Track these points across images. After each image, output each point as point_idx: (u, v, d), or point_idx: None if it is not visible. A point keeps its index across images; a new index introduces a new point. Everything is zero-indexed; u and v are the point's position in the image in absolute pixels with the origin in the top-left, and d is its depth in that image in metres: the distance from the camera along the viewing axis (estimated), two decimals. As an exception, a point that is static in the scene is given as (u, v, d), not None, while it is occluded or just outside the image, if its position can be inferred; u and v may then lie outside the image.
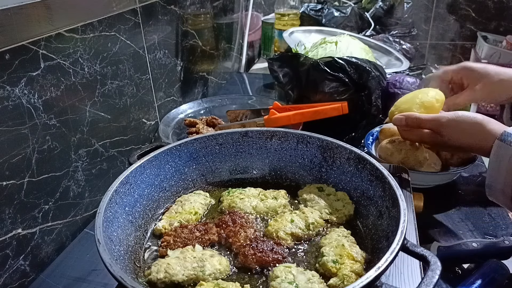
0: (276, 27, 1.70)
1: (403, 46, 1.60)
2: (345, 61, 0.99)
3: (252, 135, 0.73)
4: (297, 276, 0.51)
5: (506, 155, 0.63)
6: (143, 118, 1.00)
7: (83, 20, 0.75)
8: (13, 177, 0.64)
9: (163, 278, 0.51)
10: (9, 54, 0.61)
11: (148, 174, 0.65)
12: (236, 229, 0.60)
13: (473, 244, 0.72)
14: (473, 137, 0.70)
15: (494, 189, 0.67)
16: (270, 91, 1.48)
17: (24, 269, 0.68)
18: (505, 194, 0.65)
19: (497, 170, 0.65)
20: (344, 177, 0.68)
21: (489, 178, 0.67)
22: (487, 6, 2.67)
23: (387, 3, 1.87)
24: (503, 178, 0.64)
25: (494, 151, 0.65)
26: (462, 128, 0.71)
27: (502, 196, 0.66)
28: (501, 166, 0.64)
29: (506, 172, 0.64)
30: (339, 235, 0.59)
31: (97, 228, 0.50)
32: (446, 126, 0.72)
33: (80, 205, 0.80)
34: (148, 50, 0.99)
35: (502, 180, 0.65)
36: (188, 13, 1.19)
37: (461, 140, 0.72)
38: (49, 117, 0.69)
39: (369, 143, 0.97)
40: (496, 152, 0.65)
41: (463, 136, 0.71)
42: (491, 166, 0.66)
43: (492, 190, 0.68)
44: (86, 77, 0.78)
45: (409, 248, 0.49)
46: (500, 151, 0.64)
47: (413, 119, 0.77)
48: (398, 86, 1.14)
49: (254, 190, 0.69)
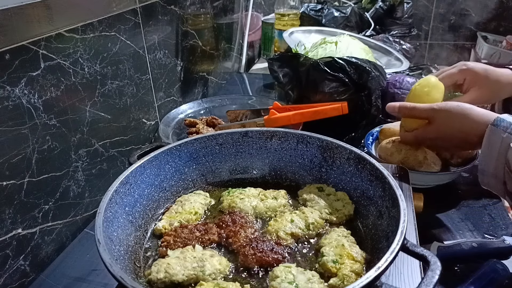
0: (276, 27, 1.70)
1: (403, 46, 1.60)
2: (345, 61, 0.99)
3: (252, 135, 0.73)
4: (297, 276, 0.51)
5: (497, 139, 0.65)
6: (143, 118, 1.00)
7: (83, 20, 0.75)
8: (13, 177, 0.64)
9: (163, 278, 0.51)
10: (9, 54, 0.61)
11: (148, 174, 0.65)
12: (236, 229, 0.60)
13: (473, 244, 0.72)
14: (462, 122, 0.73)
15: (487, 174, 0.69)
16: (270, 91, 1.48)
17: (24, 269, 0.68)
18: (497, 178, 0.67)
19: (489, 155, 0.67)
20: (344, 177, 0.68)
21: (481, 163, 0.70)
22: (487, 6, 2.67)
23: (387, 3, 1.86)
24: (495, 161, 0.66)
25: (487, 135, 0.67)
26: (452, 114, 0.74)
27: (494, 180, 0.68)
28: (493, 150, 0.66)
29: (498, 155, 0.65)
30: (339, 235, 0.59)
31: (97, 228, 0.50)
32: (437, 111, 0.76)
33: (80, 205, 0.80)
34: (148, 50, 0.99)
35: (493, 163, 0.67)
36: (188, 13, 1.19)
37: (451, 126, 0.75)
38: (49, 117, 0.69)
39: (369, 143, 0.97)
40: (488, 136, 0.67)
41: (453, 121, 0.74)
42: (483, 151, 0.68)
43: (484, 175, 0.70)
44: (86, 77, 0.78)
45: (409, 248, 0.49)
46: (492, 136, 0.67)
47: (406, 106, 0.81)
48: (398, 86, 1.14)
49: (254, 190, 0.69)
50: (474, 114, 0.71)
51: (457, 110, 0.74)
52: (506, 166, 0.64)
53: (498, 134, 0.65)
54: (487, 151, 0.67)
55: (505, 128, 0.65)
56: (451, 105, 0.75)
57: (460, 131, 0.73)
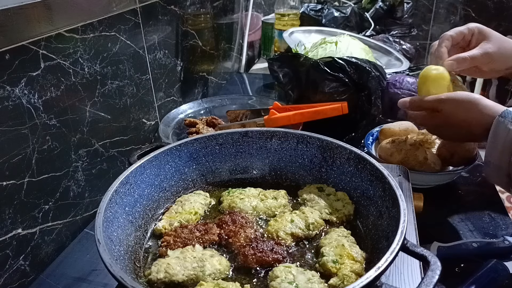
0: (276, 27, 1.70)
1: (403, 46, 1.60)
2: (345, 61, 0.99)
3: (252, 135, 0.73)
4: (297, 276, 0.51)
5: (504, 131, 0.66)
6: (143, 118, 1.00)
7: (83, 20, 0.75)
8: (13, 177, 0.64)
9: (163, 278, 0.51)
10: (9, 54, 0.61)
11: (148, 174, 0.65)
12: (236, 229, 0.60)
13: (473, 244, 0.72)
14: (469, 112, 0.73)
15: (492, 165, 0.69)
16: (270, 91, 1.48)
17: (24, 269, 0.68)
18: (501, 169, 0.67)
19: (494, 146, 0.67)
20: (344, 177, 0.68)
21: (487, 155, 0.70)
22: (487, 6, 2.67)
23: (387, 3, 1.87)
24: (499, 153, 0.67)
25: (493, 127, 0.67)
26: (460, 104, 0.74)
27: (499, 172, 0.68)
28: (498, 142, 0.66)
29: (503, 147, 0.66)
30: (339, 235, 0.59)
31: (97, 228, 0.50)
32: (445, 101, 0.76)
33: (80, 205, 0.80)
34: (148, 50, 0.99)
35: (498, 155, 0.67)
36: (188, 13, 1.19)
37: (458, 115, 0.74)
38: (49, 117, 0.69)
39: (369, 143, 0.97)
40: (495, 128, 0.67)
41: (460, 111, 0.74)
42: (490, 142, 0.68)
43: (489, 166, 0.70)
44: (86, 77, 0.78)
45: (409, 248, 0.49)
46: (498, 128, 0.67)
47: (415, 100, 0.81)
48: (398, 86, 1.14)
49: (254, 190, 0.69)
50: (482, 105, 0.71)
51: (464, 100, 0.73)
52: (511, 158, 0.65)
53: (504, 125, 0.66)
54: (492, 142, 0.68)
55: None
56: (460, 95, 0.75)
57: (466, 121, 0.73)
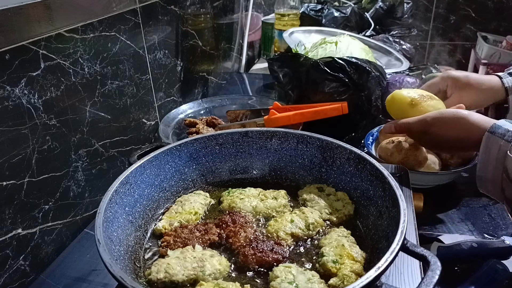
0: (276, 27, 1.70)
1: (403, 46, 1.59)
2: (345, 61, 0.99)
3: (252, 135, 0.73)
4: (297, 276, 0.51)
5: (495, 147, 0.65)
6: (143, 118, 1.00)
7: (83, 20, 0.75)
8: (13, 177, 0.64)
9: (163, 278, 0.51)
10: (9, 54, 0.61)
11: (148, 174, 0.65)
12: (236, 229, 0.60)
13: (473, 244, 0.72)
14: (458, 131, 0.72)
15: (485, 180, 0.69)
16: (270, 91, 1.48)
17: (24, 269, 0.68)
18: (495, 184, 0.67)
19: (486, 161, 0.67)
20: (344, 177, 0.68)
21: (479, 169, 0.69)
22: (487, 6, 2.67)
23: (387, 3, 1.86)
24: (493, 168, 0.66)
25: (484, 142, 0.67)
26: (447, 124, 0.74)
27: (492, 186, 0.68)
28: (491, 157, 0.66)
29: (496, 162, 0.65)
30: (339, 235, 0.59)
31: (97, 228, 0.50)
32: (432, 124, 0.75)
33: (80, 205, 0.80)
34: (148, 50, 0.99)
35: (491, 170, 0.67)
36: (188, 13, 1.19)
37: (448, 135, 0.74)
38: (49, 117, 0.69)
39: (369, 143, 0.97)
40: (485, 143, 0.67)
41: (449, 131, 0.73)
42: (481, 157, 0.68)
43: (482, 181, 0.70)
44: (86, 77, 0.78)
45: (409, 248, 0.49)
46: (489, 143, 0.66)
47: (401, 124, 0.80)
48: (398, 86, 1.14)
49: (254, 190, 0.69)
50: (471, 121, 0.71)
51: (451, 117, 0.73)
52: (503, 174, 0.64)
53: (495, 141, 0.65)
54: (484, 158, 0.67)
55: (502, 135, 0.65)
56: (447, 114, 0.74)
57: (457, 138, 0.73)
